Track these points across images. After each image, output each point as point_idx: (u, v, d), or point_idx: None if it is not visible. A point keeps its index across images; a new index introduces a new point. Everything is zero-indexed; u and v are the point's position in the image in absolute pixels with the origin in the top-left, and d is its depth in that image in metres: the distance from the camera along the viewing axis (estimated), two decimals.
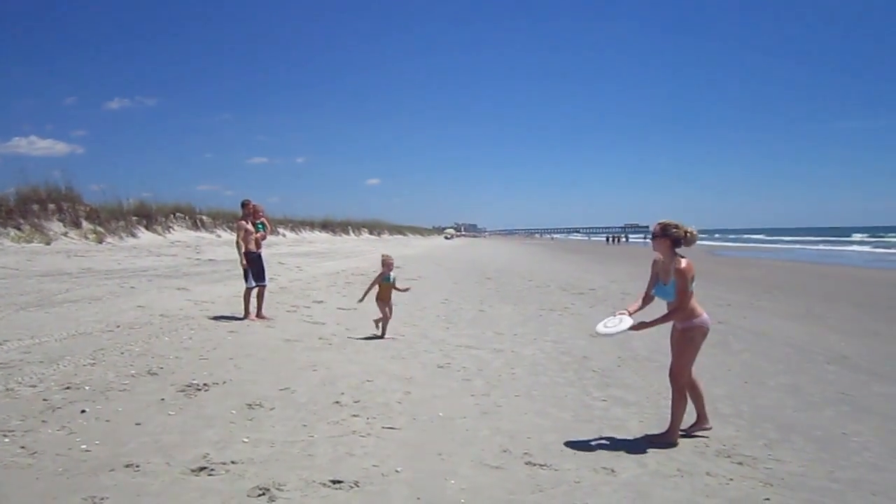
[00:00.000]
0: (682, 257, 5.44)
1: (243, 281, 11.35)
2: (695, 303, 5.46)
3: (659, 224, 5.52)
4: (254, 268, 11.29)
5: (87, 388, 6.30)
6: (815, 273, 30.04)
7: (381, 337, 9.85)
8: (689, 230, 5.46)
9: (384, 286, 10.16)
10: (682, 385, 5.50)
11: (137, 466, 4.47)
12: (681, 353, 5.50)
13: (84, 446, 4.81)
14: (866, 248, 61.81)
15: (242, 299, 11.27)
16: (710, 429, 5.67)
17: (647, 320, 5.54)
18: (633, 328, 5.49)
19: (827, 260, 44.64)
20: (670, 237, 5.44)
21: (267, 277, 11.71)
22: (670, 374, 5.57)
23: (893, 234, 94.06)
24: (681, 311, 5.37)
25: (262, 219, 11.91)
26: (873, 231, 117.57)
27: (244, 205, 11.63)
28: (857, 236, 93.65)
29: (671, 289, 5.42)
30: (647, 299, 5.73)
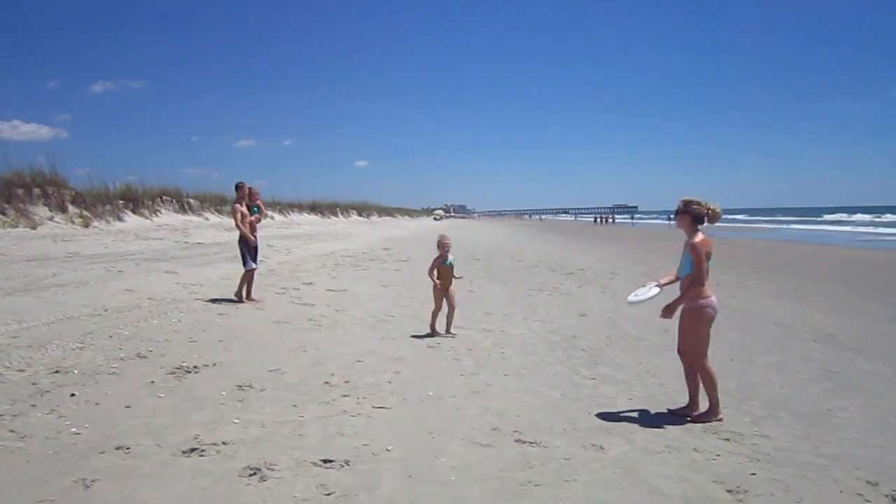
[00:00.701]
0: (700, 233, 5.48)
1: (242, 265, 11.27)
2: (706, 284, 5.47)
3: (682, 200, 5.60)
4: (253, 250, 11.25)
5: (76, 371, 6.28)
6: (800, 252, 30.25)
7: (448, 333, 8.86)
8: (711, 207, 5.52)
9: (443, 270, 8.99)
10: (701, 364, 5.52)
11: (128, 449, 4.47)
12: (687, 332, 5.55)
13: (74, 429, 4.80)
14: (847, 228, 62.26)
15: (239, 281, 11.22)
16: (689, 418, 5.56)
17: (670, 302, 5.55)
18: (662, 314, 5.55)
19: (811, 239, 44.98)
20: (691, 213, 5.51)
21: (259, 261, 11.67)
22: (679, 352, 5.66)
23: (866, 213, 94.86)
24: (698, 283, 5.38)
25: (258, 202, 11.84)
26: (850, 210, 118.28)
27: (238, 187, 11.49)
28: (834, 216, 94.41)
29: (686, 263, 5.48)
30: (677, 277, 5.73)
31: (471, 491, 4.00)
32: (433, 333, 8.88)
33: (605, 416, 5.53)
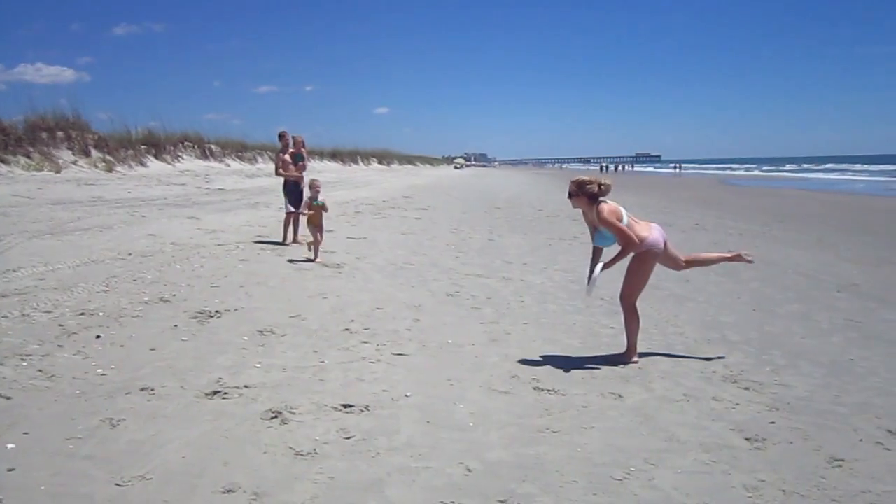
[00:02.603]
0: (604, 203, 5.63)
1: (285, 208, 11.71)
2: (641, 228, 5.67)
3: (574, 182, 5.76)
4: (292, 196, 11.61)
5: (101, 314, 6.39)
6: (826, 201, 29.80)
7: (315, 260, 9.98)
8: (601, 182, 5.71)
9: (314, 208, 10.19)
10: (631, 305, 5.74)
11: (152, 390, 4.56)
12: (630, 273, 5.77)
13: (100, 370, 4.90)
14: (876, 178, 60.97)
15: (282, 225, 11.72)
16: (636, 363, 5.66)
17: (609, 261, 5.75)
18: (604, 267, 5.75)
19: (835, 188, 44.42)
20: (586, 193, 5.67)
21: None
22: (620, 296, 5.83)
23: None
24: (630, 247, 5.58)
25: (302, 150, 12.16)
26: (880, 159, 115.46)
27: (280, 136, 11.89)
28: (864, 166, 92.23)
29: (607, 235, 5.67)
30: (596, 251, 6.00)
31: (489, 437, 4.04)
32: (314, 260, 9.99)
33: (623, 365, 5.54)
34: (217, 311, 6.70)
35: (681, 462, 3.77)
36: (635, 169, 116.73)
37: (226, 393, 4.57)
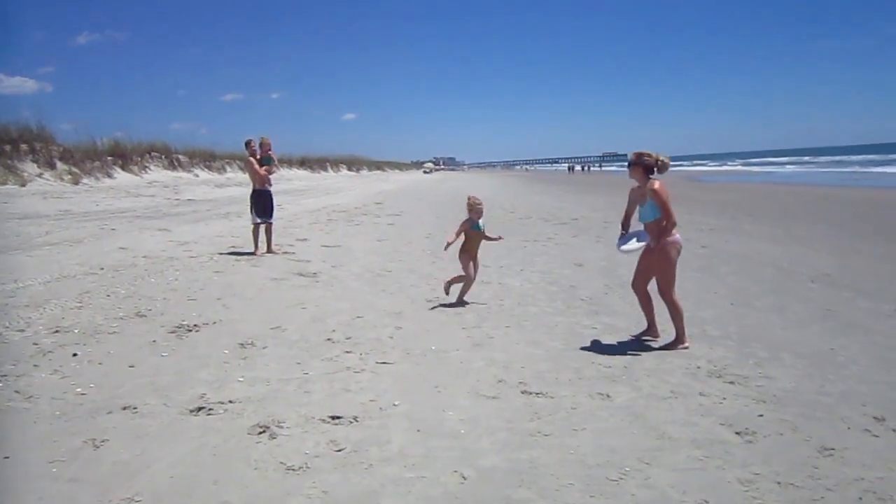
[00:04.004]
0: (656, 180, 6.03)
1: (251, 218, 11.58)
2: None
3: (635, 153, 6.15)
4: (258, 205, 11.48)
5: (76, 331, 6.24)
6: (792, 194, 30.30)
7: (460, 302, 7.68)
8: (661, 158, 6.10)
9: (473, 236, 7.89)
10: (671, 298, 6.06)
11: (135, 408, 4.46)
12: (663, 270, 6.08)
13: (79, 389, 4.78)
14: (842, 169, 62.37)
15: (251, 235, 11.56)
16: (658, 337, 6.32)
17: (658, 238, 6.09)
18: (653, 245, 6.09)
19: (800, 180, 45.55)
20: (643, 164, 6.05)
21: (274, 215, 11.89)
22: (660, 292, 6.14)
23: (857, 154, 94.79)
24: (670, 223, 5.97)
25: (270, 153, 11.96)
26: (849, 151, 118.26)
27: (247, 144, 11.79)
28: (830, 157, 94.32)
29: (649, 209, 6.02)
30: (626, 224, 6.50)
31: (480, 443, 4.01)
32: (455, 303, 7.79)
33: (609, 365, 5.55)
34: (195, 325, 6.59)
35: (674, 459, 3.78)
36: (603, 168, 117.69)
37: (210, 408, 4.48)
